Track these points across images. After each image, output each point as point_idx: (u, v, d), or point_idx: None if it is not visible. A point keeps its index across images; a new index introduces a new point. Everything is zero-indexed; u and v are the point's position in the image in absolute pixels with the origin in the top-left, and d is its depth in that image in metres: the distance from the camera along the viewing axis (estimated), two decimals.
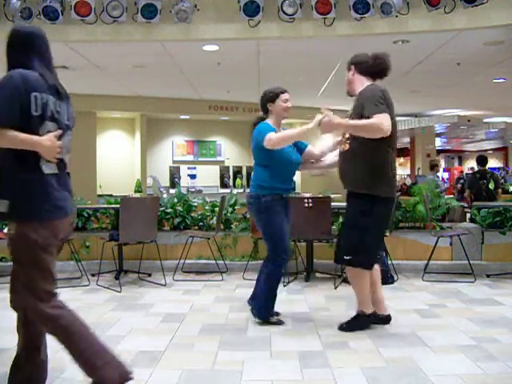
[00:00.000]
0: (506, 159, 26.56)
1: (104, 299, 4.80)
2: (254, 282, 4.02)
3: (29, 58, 2.39)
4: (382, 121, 3.37)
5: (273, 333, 3.68)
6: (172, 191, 10.03)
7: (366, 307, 3.74)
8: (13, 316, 2.56)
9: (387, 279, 5.44)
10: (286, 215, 3.90)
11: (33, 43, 2.43)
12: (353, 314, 3.82)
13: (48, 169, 2.38)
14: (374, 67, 3.66)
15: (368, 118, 3.42)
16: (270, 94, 3.93)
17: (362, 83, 3.67)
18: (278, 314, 3.98)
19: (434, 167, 9.63)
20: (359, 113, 3.51)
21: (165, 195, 8.48)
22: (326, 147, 4.07)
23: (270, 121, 3.94)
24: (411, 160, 18.36)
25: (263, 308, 3.92)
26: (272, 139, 3.72)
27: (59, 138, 2.41)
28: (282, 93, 3.91)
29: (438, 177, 9.65)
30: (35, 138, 2.30)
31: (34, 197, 2.33)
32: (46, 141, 2.32)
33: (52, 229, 2.37)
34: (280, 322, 3.89)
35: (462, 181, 9.28)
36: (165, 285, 5.38)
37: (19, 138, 2.26)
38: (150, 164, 12.92)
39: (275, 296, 3.92)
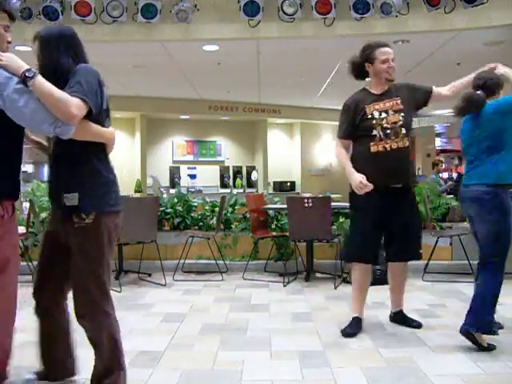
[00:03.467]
0: None
1: None
2: (254, 282, 4.00)
3: (79, 55, 2.47)
4: None
5: (273, 333, 3.68)
6: (172, 191, 10.03)
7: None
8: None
9: (387, 279, 5.43)
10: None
11: (74, 41, 2.48)
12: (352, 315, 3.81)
13: (110, 161, 2.47)
14: None
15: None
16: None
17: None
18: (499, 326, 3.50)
19: (434, 166, 9.63)
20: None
21: (165, 195, 8.48)
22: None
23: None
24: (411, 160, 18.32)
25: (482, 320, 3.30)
26: None
27: None
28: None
29: (439, 176, 9.65)
30: (107, 130, 2.39)
31: (104, 188, 2.38)
32: (113, 133, 2.43)
33: (119, 220, 2.46)
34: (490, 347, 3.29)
35: (450, 182, 9.28)
36: (165, 285, 5.38)
37: (97, 131, 2.32)
38: (149, 164, 12.92)
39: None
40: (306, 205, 5.36)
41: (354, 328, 3.65)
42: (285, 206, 5.58)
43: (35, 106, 2.10)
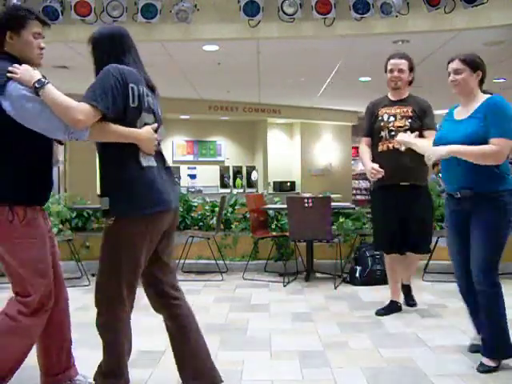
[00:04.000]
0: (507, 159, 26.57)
1: None
2: (254, 282, 4.01)
3: (124, 55, 2.41)
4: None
5: (273, 333, 3.68)
6: None
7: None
8: None
9: (387, 280, 5.43)
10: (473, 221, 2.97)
11: (122, 41, 2.45)
12: (353, 313, 3.82)
13: (146, 162, 2.33)
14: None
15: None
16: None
17: (407, 90, 4.24)
18: None
19: (434, 166, 9.63)
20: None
21: None
22: None
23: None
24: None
25: (501, 346, 2.90)
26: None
27: (155, 130, 2.40)
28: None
29: (439, 176, 9.65)
30: (134, 130, 2.29)
31: (133, 192, 2.30)
32: (144, 133, 2.31)
33: (153, 223, 2.35)
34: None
35: None
36: None
37: (119, 131, 2.26)
38: None
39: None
40: (306, 205, 5.36)
41: (386, 309, 4.19)
42: (285, 206, 5.58)
43: (47, 115, 2.19)
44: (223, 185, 13.49)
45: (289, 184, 13.93)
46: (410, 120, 4.01)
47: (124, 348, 2.49)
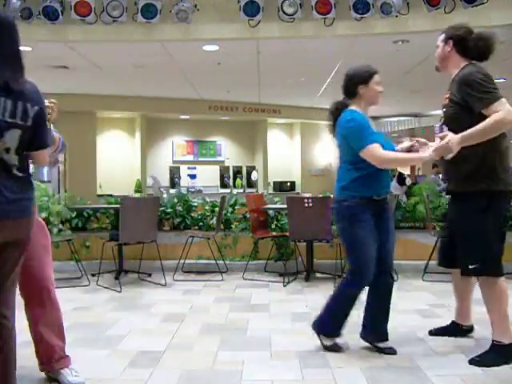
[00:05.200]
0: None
1: (104, 299, 4.79)
2: (254, 282, 4.01)
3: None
4: (504, 114, 2.82)
5: (273, 333, 3.68)
6: (172, 191, 10.04)
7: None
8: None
9: None
10: (379, 225, 3.18)
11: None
12: (353, 313, 3.80)
13: None
14: (474, 49, 3.13)
15: (479, 112, 2.88)
16: (365, 72, 3.27)
17: (457, 64, 3.15)
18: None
19: (434, 166, 9.64)
20: (462, 101, 2.99)
21: (165, 195, 8.48)
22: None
23: (355, 107, 3.24)
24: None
25: (318, 319, 3.33)
26: (377, 157, 3.03)
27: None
28: (376, 73, 3.30)
29: (439, 176, 9.66)
30: None
31: None
32: None
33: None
34: (333, 348, 3.27)
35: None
36: (165, 285, 5.38)
37: None
38: (149, 164, 12.93)
39: (337, 317, 3.31)
40: (306, 205, 5.36)
41: (441, 330, 3.58)
42: (285, 206, 5.58)
43: None
44: (223, 185, 13.49)
45: (289, 184, 13.93)
46: (444, 109, 3.27)
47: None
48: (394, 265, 4.94)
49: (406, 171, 16.34)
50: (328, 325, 3.32)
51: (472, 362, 2.99)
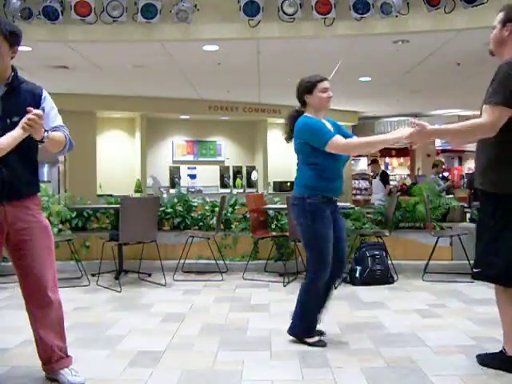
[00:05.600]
0: None
1: (104, 299, 4.79)
2: (254, 282, 4.01)
3: None
4: (492, 119, 2.63)
5: (273, 333, 3.68)
6: (172, 191, 10.04)
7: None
8: (13, 315, 2.56)
9: (387, 279, 5.44)
10: (334, 220, 3.38)
11: None
12: (353, 313, 3.82)
13: None
14: None
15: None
16: (307, 83, 3.41)
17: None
18: (321, 333, 3.53)
19: (434, 166, 9.66)
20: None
21: (165, 195, 8.48)
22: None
23: (308, 113, 3.40)
24: (411, 160, 18.38)
25: (295, 325, 3.46)
26: (340, 145, 3.19)
27: None
28: (320, 81, 3.39)
29: (439, 177, 9.68)
30: None
31: None
32: None
33: None
34: (320, 344, 3.39)
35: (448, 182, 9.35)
36: (165, 285, 5.38)
37: None
38: (149, 164, 12.92)
39: (312, 315, 3.45)
40: None
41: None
42: (285, 206, 5.58)
43: None
44: (223, 185, 13.49)
45: (289, 184, 13.92)
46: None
47: None
48: (392, 264, 4.95)
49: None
50: (305, 326, 3.44)
51: (478, 358, 3.02)
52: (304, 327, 3.43)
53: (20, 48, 2.59)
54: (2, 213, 2.54)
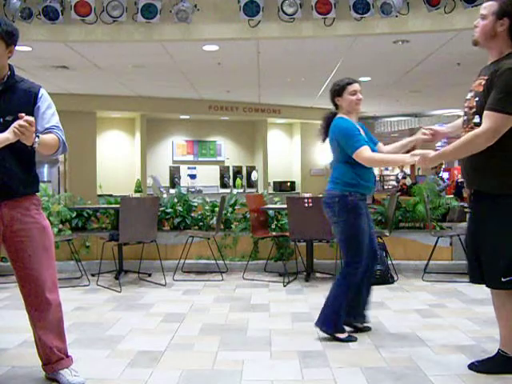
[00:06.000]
0: None
1: (104, 299, 4.79)
2: (254, 282, 4.01)
3: None
4: (494, 126, 2.54)
5: (273, 333, 3.68)
6: (172, 191, 10.04)
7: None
8: (13, 315, 2.56)
9: (387, 279, 5.44)
10: (366, 214, 3.58)
11: None
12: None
13: None
14: None
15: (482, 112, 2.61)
16: (337, 86, 3.59)
17: (503, 47, 2.70)
18: (368, 328, 3.66)
19: (433, 167, 9.66)
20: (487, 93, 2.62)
21: (165, 195, 8.48)
22: (393, 149, 3.61)
23: (342, 115, 3.58)
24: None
25: (327, 319, 3.50)
26: (365, 158, 3.34)
27: None
28: (349, 84, 3.53)
29: (439, 176, 9.69)
30: None
31: None
32: None
33: None
34: (351, 339, 3.47)
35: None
36: (165, 285, 5.38)
37: None
38: (149, 164, 12.93)
39: (343, 310, 3.49)
40: (306, 205, 5.37)
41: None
42: (285, 206, 5.58)
43: None
44: (223, 185, 13.50)
45: (289, 184, 13.94)
46: (477, 98, 2.74)
47: None
48: (392, 264, 4.96)
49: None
50: (338, 321, 3.49)
51: (472, 367, 2.89)
52: (335, 322, 3.48)
53: (20, 48, 2.60)
54: None
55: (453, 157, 3.11)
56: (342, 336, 3.45)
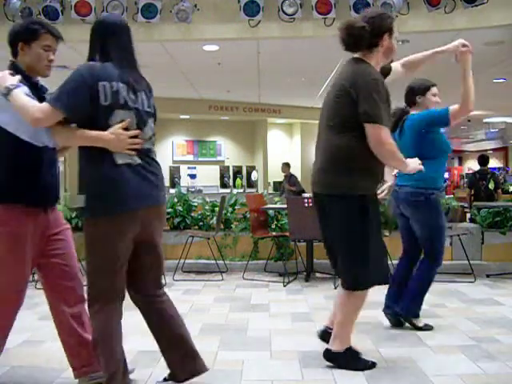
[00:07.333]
0: (506, 159, 26.55)
1: None
2: (254, 282, 3.99)
3: (106, 47, 2.39)
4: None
5: (273, 333, 3.68)
6: (172, 191, 10.03)
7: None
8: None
9: (387, 279, 5.43)
10: None
11: (113, 32, 2.42)
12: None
13: (122, 159, 2.30)
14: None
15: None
16: (421, 85, 3.82)
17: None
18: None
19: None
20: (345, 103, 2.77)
21: None
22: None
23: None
24: None
25: (411, 307, 3.68)
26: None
27: (142, 126, 2.53)
28: (433, 86, 3.90)
29: None
30: (99, 133, 2.23)
31: (105, 190, 2.26)
32: (107, 135, 2.24)
33: (128, 221, 2.30)
34: (428, 327, 3.68)
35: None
36: (165, 285, 5.35)
37: (84, 136, 2.26)
38: None
39: (422, 299, 3.72)
40: (306, 205, 5.36)
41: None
42: (285, 206, 5.58)
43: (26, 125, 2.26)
44: (223, 185, 13.50)
45: None
46: None
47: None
48: (392, 264, 4.96)
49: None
50: (418, 306, 3.68)
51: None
52: (416, 309, 3.67)
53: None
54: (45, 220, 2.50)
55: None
56: (420, 324, 3.65)
